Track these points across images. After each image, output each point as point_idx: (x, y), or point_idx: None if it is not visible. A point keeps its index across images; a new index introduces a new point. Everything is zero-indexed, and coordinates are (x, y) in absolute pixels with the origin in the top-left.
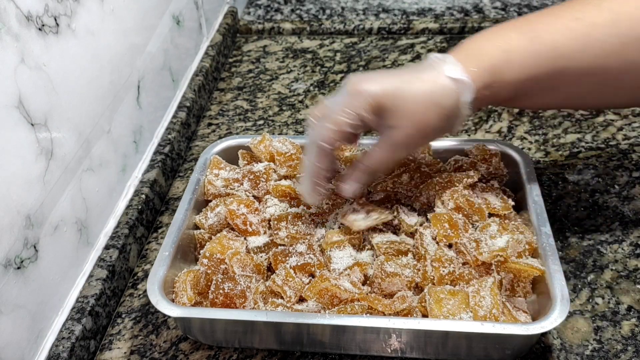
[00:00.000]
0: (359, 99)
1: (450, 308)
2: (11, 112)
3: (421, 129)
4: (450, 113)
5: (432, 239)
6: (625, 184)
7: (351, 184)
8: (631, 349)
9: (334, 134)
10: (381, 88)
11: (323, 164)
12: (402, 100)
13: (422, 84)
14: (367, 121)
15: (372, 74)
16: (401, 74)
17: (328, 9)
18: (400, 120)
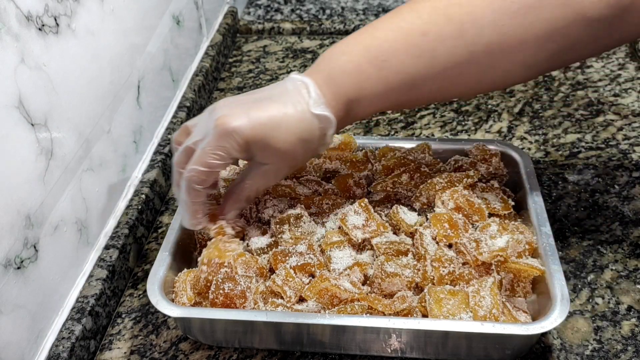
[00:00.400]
0: (229, 140)
1: (450, 308)
2: (11, 112)
3: (290, 163)
4: (316, 144)
5: (432, 239)
6: (625, 184)
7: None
8: (631, 349)
9: (206, 175)
10: (251, 128)
11: (198, 200)
12: (273, 142)
13: (290, 122)
14: (237, 157)
15: (240, 104)
16: (270, 106)
17: (328, 9)
18: (271, 158)
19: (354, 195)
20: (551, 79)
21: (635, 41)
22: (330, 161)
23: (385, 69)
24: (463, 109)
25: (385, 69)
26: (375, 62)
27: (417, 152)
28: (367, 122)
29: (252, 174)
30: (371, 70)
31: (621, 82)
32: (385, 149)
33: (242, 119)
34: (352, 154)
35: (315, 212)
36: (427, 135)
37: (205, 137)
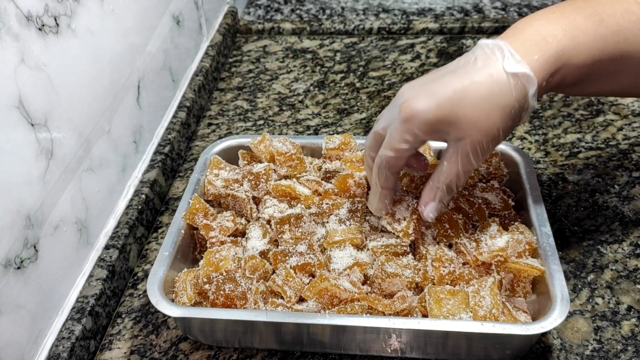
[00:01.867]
0: (414, 123)
1: (450, 308)
2: (11, 112)
3: (489, 134)
4: (516, 110)
5: (432, 239)
6: (625, 184)
7: (430, 205)
8: (631, 349)
9: (395, 160)
10: (436, 106)
11: (389, 184)
12: (462, 113)
13: (481, 88)
14: (429, 140)
15: (423, 85)
16: (453, 79)
17: (328, 9)
18: (465, 130)
19: (354, 195)
20: None
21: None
22: (330, 161)
23: (603, 27)
24: None
25: (602, 27)
26: (592, 18)
27: None
28: (367, 122)
29: (449, 155)
30: (589, 25)
31: None
32: None
33: (425, 99)
34: (352, 154)
35: (315, 212)
36: None
37: (392, 123)
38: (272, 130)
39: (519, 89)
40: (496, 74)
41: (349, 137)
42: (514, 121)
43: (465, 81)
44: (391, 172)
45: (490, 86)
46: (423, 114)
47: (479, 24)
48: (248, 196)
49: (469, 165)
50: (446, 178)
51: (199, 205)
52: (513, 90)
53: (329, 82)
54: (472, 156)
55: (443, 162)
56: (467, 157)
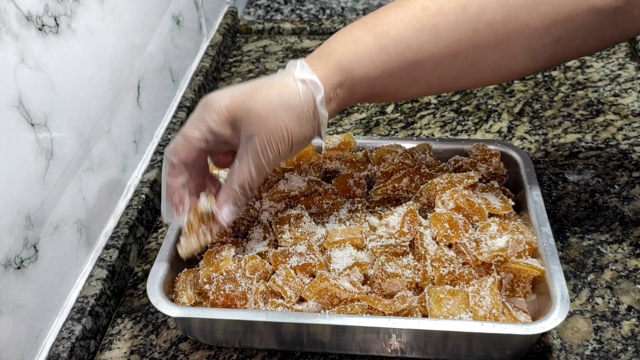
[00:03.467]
0: (208, 110)
1: (450, 308)
2: (11, 112)
3: (277, 133)
4: (304, 114)
5: (432, 239)
6: (625, 184)
7: (227, 208)
8: (631, 349)
9: (184, 148)
10: (232, 99)
11: (176, 178)
12: (252, 106)
13: (272, 88)
14: (220, 134)
15: (228, 87)
16: (254, 85)
17: (328, 9)
18: (254, 127)
19: (354, 195)
20: (551, 79)
21: (636, 40)
22: (330, 161)
23: (384, 38)
24: (463, 109)
25: (383, 39)
26: (372, 31)
27: (417, 152)
28: (367, 122)
29: (241, 155)
30: (367, 37)
31: (621, 82)
32: (382, 151)
33: (225, 92)
34: (352, 154)
35: (315, 212)
36: (427, 135)
37: None
38: None
39: (306, 94)
40: (287, 80)
41: (349, 137)
42: (303, 127)
43: (260, 83)
44: (178, 159)
45: (280, 88)
46: (217, 102)
47: None
48: None
49: (260, 165)
50: (239, 179)
51: None
52: (301, 94)
53: None
54: (261, 155)
55: (235, 162)
56: (257, 155)
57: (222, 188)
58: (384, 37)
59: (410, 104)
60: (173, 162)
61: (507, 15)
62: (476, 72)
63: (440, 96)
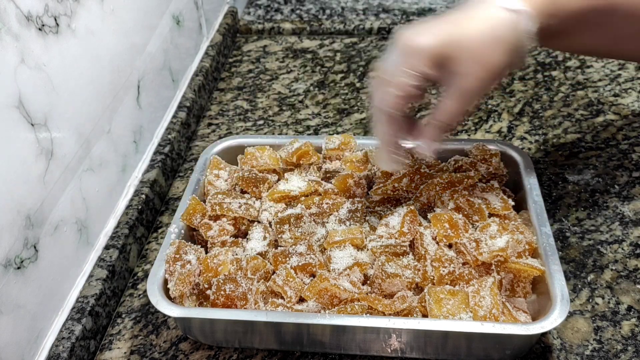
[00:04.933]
0: (416, 56)
1: (450, 308)
2: (11, 112)
3: (490, 69)
4: (516, 46)
5: (432, 239)
6: (625, 184)
7: (427, 142)
8: (631, 349)
9: (400, 99)
10: (437, 39)
11: (394, 130)
12: (464, 44)
13: (480, 22)
14: (430, 76)
15: (422, 25)
16: (453, 18)
17: (328, 9)
18: (467, 65)
19: (354, 195)
20: (551, 79)
21: None
22: (330, 161)
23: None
24: None
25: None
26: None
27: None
28: (367, 122)
29: (451, 94)
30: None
31: (621, 82)
32: None
33: (427, 33)
34: (352, 154)
35: (315, 212)
36: None
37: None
38: (272, 131)
39: (519, 25)
40: (495, 11)
41: (349, 137)
42: (513, 58)
43: (465, 17)
44: (395, 111)
45: (490, 20)
46: (425, 45)
47: None
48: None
49: (468, 103)
50: (446, 117)
51: (196, 206)
52: (513, 25)
53: (329, 82)
54: (472, 93)
55: (444, 100)
56: (467, 93)
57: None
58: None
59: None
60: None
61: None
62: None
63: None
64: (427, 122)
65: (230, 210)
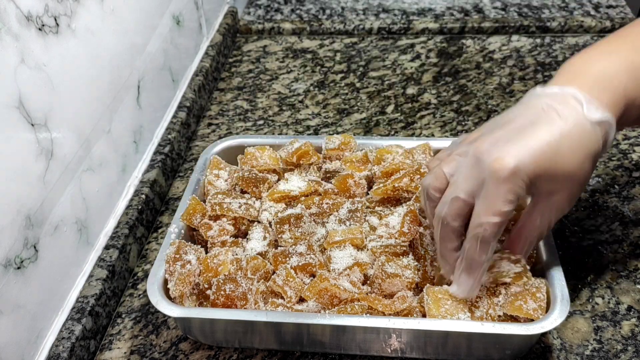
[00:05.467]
0: (515, 181)
1: (448, 308)
2: (11, 112)
3: (583, 183)
4: (600, 154)
5: (432, 239)
6: (625, 184)
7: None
8: (631, 349)
9: (499, 226)
10: (533, 162)
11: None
12: (561, 167)
13: (571, 140)
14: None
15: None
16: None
17: (328, 9)
18: (562, 183)
19: (354, 195)
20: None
21: None
22: (330, 161)
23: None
24: (463, 109)
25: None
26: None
27: (417, 152)
28: (367, 122)
29: (542, 210)
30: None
31: None
32: (382, 151)
33: (519, 155)
34: (352, 154)
35: (315, 212)
36: (427, 135)
37: (482, 186)
38: (272, 130)
39: (604, 136)
40: (580, 124)
41: (349, 137)
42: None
43: (554, 133)
44: (495, 240)
45: (580, 136)
46: (523, 170)
47: (479, 24)
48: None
49: (562, 214)
50: (539, 232)
51: (196, 206)
52: (600, 138)
53: (329, 82)
54: (566, 207)
55: (535, 217)
56: (562, 209)
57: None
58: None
59: (410, 104)
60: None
61: None
62: None
63: (440, 96)
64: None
65: (230, 210)
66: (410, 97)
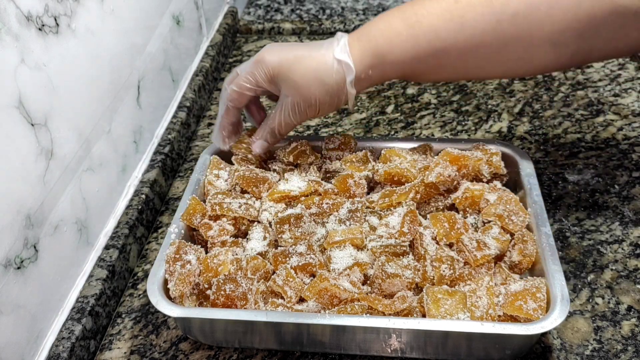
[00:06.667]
0: (259, 68)
1: (447, 308)
2: (11, 112)
3: (306, 100)
4: (334, 89)
5: (432, 239)
6: (625, 184)
7: (259, 142)
8: (631, 349)
9: (238, 95)
10: (278, 61)
11: (229, 118)
12: (292, 75)
13: (311, 61)
14: (266, 87)
15: (280, 45)
16: (301, 49)
17: (328, 9)
18: (289, 90)
19: (354, 195)
20: (551, 79)
21: None
22: (330, 161)
23: (416, 27)
24: (463, 109)
25: (415, 28)
26: (407, 21)
27: (417, 152)
28: (367, 122)
29: (278, 108)
30: (402, 26)
31: (621, 82)
32: (392, 152)
33: (276, 53)
34: (352, 154)
35: (315, 212)
36: (427, 135)
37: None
38: None
39: (339, 73)
40: (326, 56)
41: (349, 137)
42: (330, 98)
43: (305, 52)
44: (232, 105)
45: (319, 64)
46: (267, 62)
47: None
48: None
49: (289, 120)
50: (272, 124)
51: (196, 206)
52: (334, 73)
53: None
54: (291, 113)
55: (274, 112)
56: (288, 112)
57: (260, 127)
58: (416, 26)
59: (410, 104)
60: (228, 107)
61: (528, 7)
62: (500, 62)
63: (440, 96)
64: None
65: (230, 210)
66: (410, 97)
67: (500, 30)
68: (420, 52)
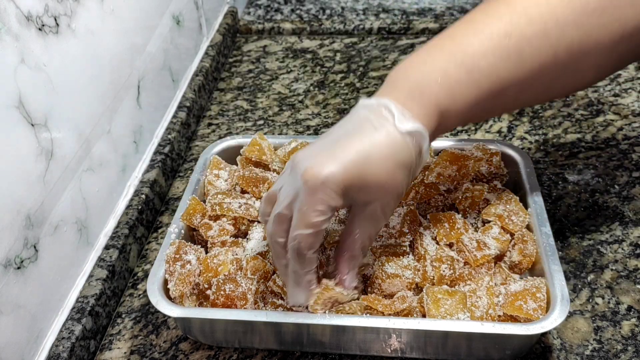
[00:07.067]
0: (325, 191)
1: (447, 308)
2: (11, 112)
3: (395, 193)
4: (414, 164)
5: (432, 239)
6: (625, 184)
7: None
8: (631, 349)
9: (314, 237)
10: (342, 170)
11: (310, 267)
12: (371, 176)
13: (381, 149)
14: (338, 206)
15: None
16: (351, 142)
17: (328, 9)
18: (372, 195)
19: None
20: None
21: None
22: None
23: (476, 72)
24: None
25: (475, 72)
26: (464, 66)
27: None
28: None
29: (359, 221)
30: (461, 74)
31: (621, 82)
32: None
33: (330, 164)
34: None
35: None
36: None
37: (297, 197)
38: (272, 130)
39: (415, 147)
40: (391, 135)
41: None
42: (413, 174)
43: (365, 142)
44: (313, 252)
45: (390, 145)
46: (332, 180)
47: None
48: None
49: (379, 226)
50: (361, 244)
51: (196, 206)
52: (411, 149)
53: (329, 82)
54: (382, 217)
55: (354, 230)
56: (378, 219)
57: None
58: (475, 71)
59: None
60: (308, 256)
61: (583, 36)
62: (550, 90)
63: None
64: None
65: (230, 210)
66: None
67: (556, 61)
68: (481, 96)
